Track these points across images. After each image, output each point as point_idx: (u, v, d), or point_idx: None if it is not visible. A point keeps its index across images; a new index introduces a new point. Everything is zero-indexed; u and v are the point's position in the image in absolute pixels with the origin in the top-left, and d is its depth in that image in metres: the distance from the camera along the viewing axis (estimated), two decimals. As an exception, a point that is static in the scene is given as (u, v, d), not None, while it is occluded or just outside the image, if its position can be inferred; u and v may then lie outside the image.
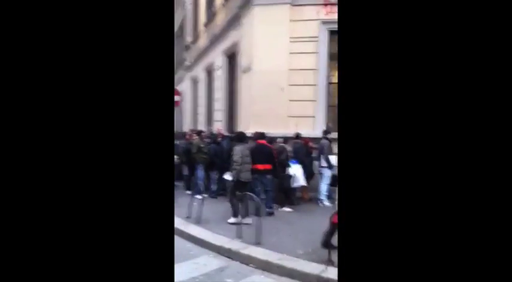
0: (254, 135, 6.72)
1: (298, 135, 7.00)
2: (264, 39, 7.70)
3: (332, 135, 6.68)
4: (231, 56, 9.92)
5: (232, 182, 5.68)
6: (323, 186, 6.79)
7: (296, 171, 6.42)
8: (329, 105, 7.72)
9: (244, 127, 8.03)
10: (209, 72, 12.21)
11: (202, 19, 13.08)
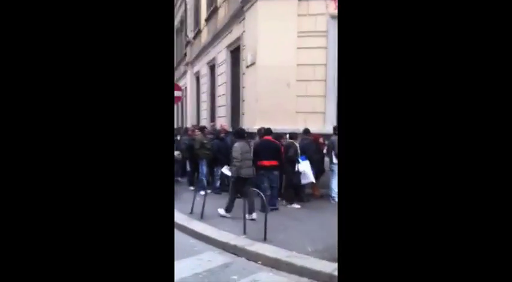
0: (259, 131, 6.60)
1: (306, 131, 6.84)
2: (270, 34, 7.54)
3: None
4: (234, 51, 9.79)
5: (232, 179, 5.60)
6: (334, 183, 6.61)
7: (305, 167, 6.27)
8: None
9: (250, 123, 7.89)
10: (212, 67, 12.10)
11: (203, 14, 12.97)
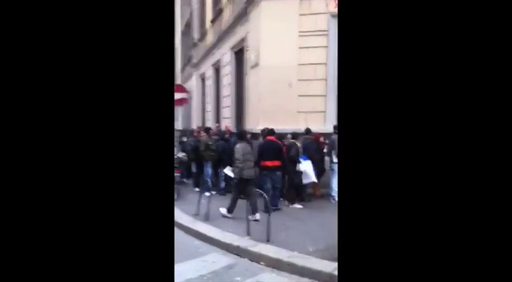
0: (262, 131, 6.64)
1: (308, 130, 6.87)
2: (272, 34, 7.58)
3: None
4: (238, 53, 9.84)
5: (235, 180, 5.63)
6: (335, 182, 6.63)
7: (306, 167, 6.29)
8: (340, 99, 7.59)
9: (253, 123, 7.94)
10: (217, 69, 12.16)
11: (209, 16, 13.03)
